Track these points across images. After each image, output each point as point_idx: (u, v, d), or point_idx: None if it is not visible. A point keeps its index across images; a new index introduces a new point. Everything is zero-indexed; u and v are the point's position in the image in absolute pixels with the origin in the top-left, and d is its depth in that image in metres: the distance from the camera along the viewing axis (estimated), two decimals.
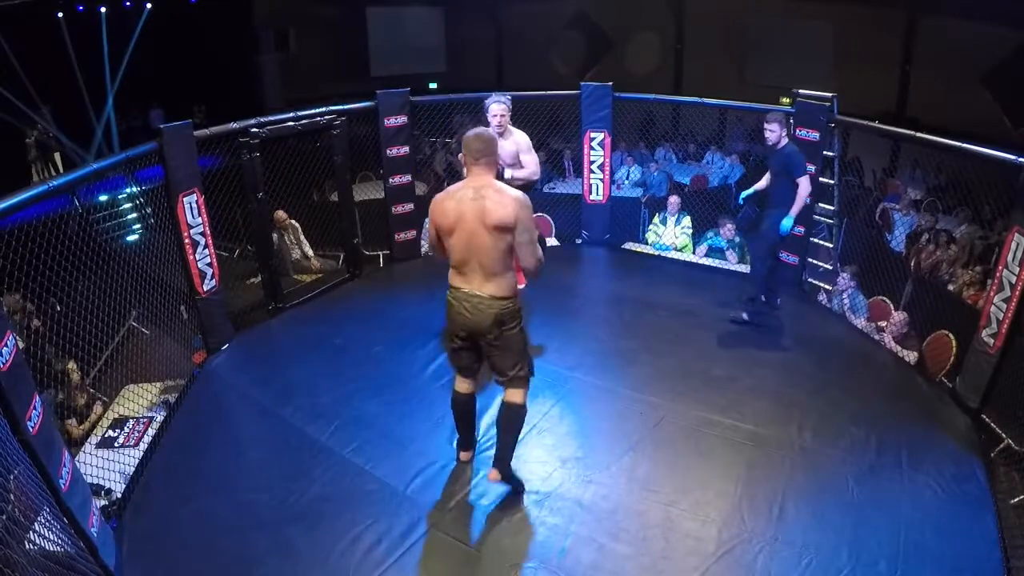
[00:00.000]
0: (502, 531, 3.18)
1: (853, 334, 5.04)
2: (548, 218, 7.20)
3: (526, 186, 4.53)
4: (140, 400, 4.30)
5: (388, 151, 6.01)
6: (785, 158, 4.77)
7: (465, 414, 3.42)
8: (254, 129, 4.97)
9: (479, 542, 3.12)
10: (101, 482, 3.49)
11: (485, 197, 2.88)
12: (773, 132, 4.78)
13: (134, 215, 5.42)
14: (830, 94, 5.21)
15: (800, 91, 5.39)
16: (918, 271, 5.95)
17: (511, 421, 3.22)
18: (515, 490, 3.36)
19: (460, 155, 3.28)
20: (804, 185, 4.69)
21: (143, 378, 4.50)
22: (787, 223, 4.74)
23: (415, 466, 3.59)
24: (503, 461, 3.25)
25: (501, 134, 4.48)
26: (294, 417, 4.05)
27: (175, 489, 3.55)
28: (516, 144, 4.63)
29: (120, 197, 4.97)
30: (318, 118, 5.48)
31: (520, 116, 7.19)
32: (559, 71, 11.28)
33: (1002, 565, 2.97)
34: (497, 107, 4.51)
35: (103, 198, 4.70)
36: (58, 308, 4.03)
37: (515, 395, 3.17)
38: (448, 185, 3.24)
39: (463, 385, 3.32)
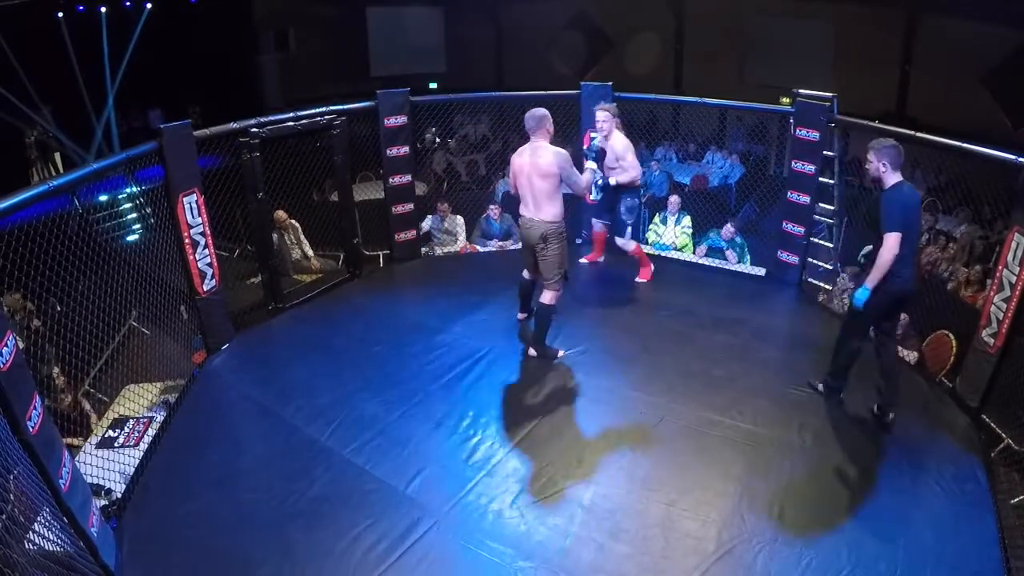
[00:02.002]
0: (502, 531, 3.19)
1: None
2: None
3: (632, 186, 5.23)
4: (140, 400, 4.31)
5: (388, 151, 6.01)
6: (879, 203, 3.57)
7: (525, 290, 4.83)
8: (254, 129, 4.97)
9: (479, 542, 3.12)
10: (101, 482, 3.50)
11: (535, 154, 4.19)
12: (870, 165, 3.57)
13: (134, 215, 5.42)
14: (830, 94, 5.21)
15: (800, 91, 5.39)
16: (918, 271, 5.94)
17: (540, 315, 4.48)
18: (548, 357, 4.53)
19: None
20: (887, 245, 3.42)
21: (143, 378, 4.50)
22: (860, 295, 3.61)
23: (415, 466, 3.60)
24: (538, 343, 4.54)
25: (606, 137, 4.98)
26: (294, 417, 4.05)
27: (175, 489, 3.55)
28: (613, 149, 4.99)
29: (120, 197, 4.97)
30: (318, 118, 5.48)
31: (520, 116, 7.22)
32: (559, 71, 11.29)
33: (1002, 565, 2.97)
34: (599, 113, 5.06)
35: (103, 198, 4.69)
36: (58, 308, 4.03)
37: (545, 296, 4.39)
38: (447, 185, 3.57)
39: (526, 273, 4.71)
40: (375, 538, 3.13)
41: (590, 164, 4.44)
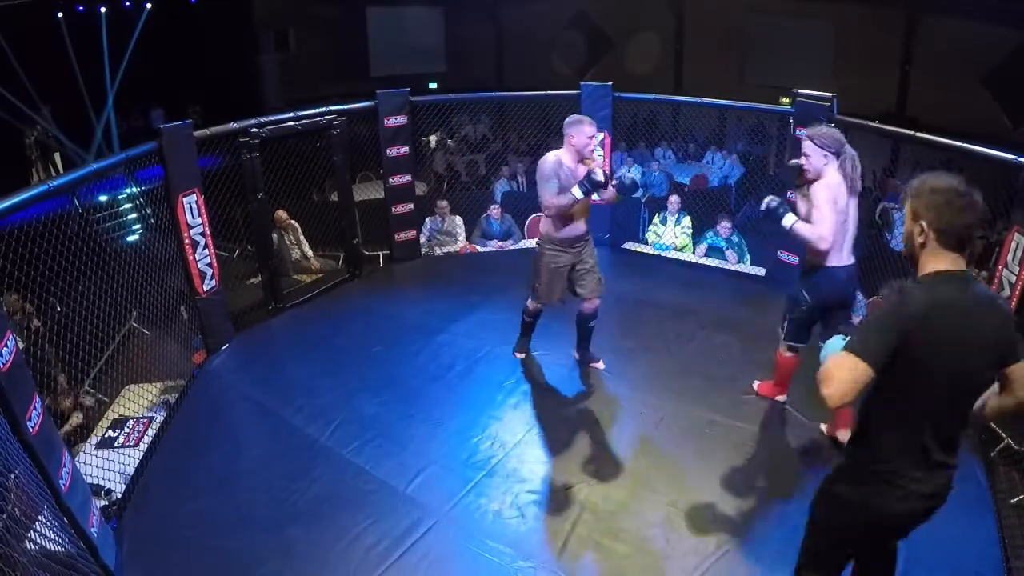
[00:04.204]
0: (502, 531, 3.19)
1: (853, 334, 5.03)
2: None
3: (815, 262, 3.41)
4: (140, 400, 4.31)
5: (388, 151, 6.01)
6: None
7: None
8: (254, 129, 4.97)
9: (479, 542, 3.12)
10: (101, 482, 3.50)
11: None
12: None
13: (134, 215, 5.43)
14: (830, 94, 5.21)
15: (800, 91, 5.39)
16: None
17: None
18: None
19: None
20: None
21: (143, 378, 4.50)
22: None
23: (415, 466, 3.60)
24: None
25: (814, 178, 3.34)
26: (294, 417, 4.06)
27: (175, 489, 3.55)
28: (813, 194, 3.32)
29: (120, 197, 4.97)
30: (318, 118, 5.48)
31: (520, 116, 7.23)
32: (559, 71, 11.29)
33: (1002, 565, 2.97)
34: (805, 143, 3.38)
35: (103, 198, 4.70)
36: (58, 308, 4.04)
37: None
38: (447, 186, 3.46)
39: None
40: (375, 538, 3.13)
41: (575, 190, 3.72)
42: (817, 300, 3.48)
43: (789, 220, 3.39)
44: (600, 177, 3.69)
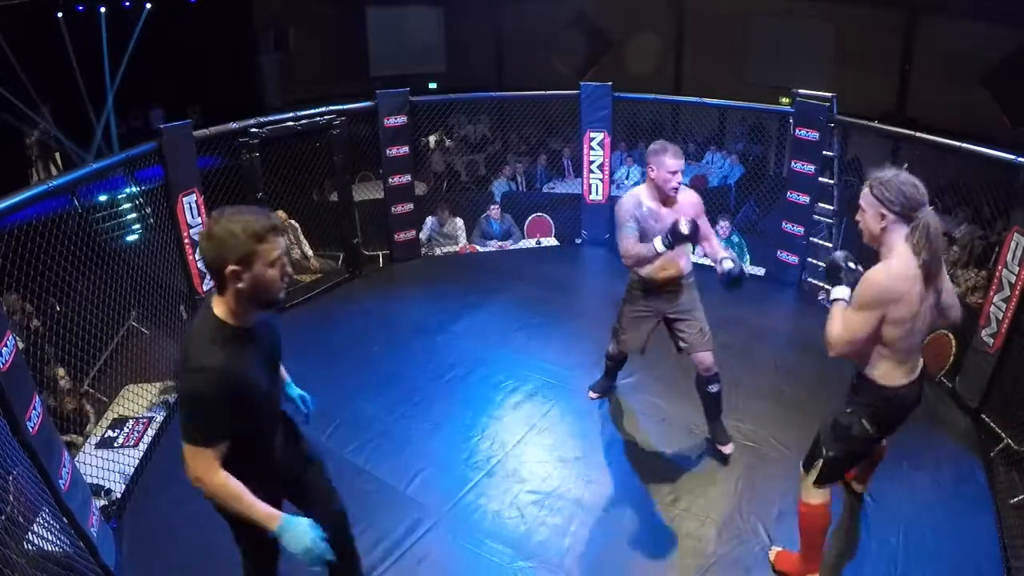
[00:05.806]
0: (502, 531, 3.19)
1: None
2: (548, 218, 7.21)
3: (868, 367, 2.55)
4: (140, 400, 4.31)
5: (388, 151, 6.01)
6: None
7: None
8: (254, 129, 4.97)
9: (479, 542, 3.12)
10: (101, 482, 3.50)
11: None
12: None
13: (134, 215, 5.42)
14: (830, 94, 5.22)
15: (800, 91, 5.39)
16: None
17: None
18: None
19: None
20: None
21: (143, 378, 4.50)
22: None
23: (415, 466, 3.60)
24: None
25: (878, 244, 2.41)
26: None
27: (175, 489, 3.53)
28: None
29: (120, 197, 4.97)
30: (318, 118, 5.48)
31: (519, 116, 7.23)
32: (559, 71, 11.28)
33: (1002, 565, 2.97)
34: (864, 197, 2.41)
35: (103, 198, 4.70)
36: (58, 308, 4.03)
37: None
38: (445, 185, 3.41)
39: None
40: (375, 538, 3.13)
41: (657, 243, 3.23)
42: (879, 431, 2.60)
43: (839, 293, 2.45)
44: (685, 230, 3.14)
